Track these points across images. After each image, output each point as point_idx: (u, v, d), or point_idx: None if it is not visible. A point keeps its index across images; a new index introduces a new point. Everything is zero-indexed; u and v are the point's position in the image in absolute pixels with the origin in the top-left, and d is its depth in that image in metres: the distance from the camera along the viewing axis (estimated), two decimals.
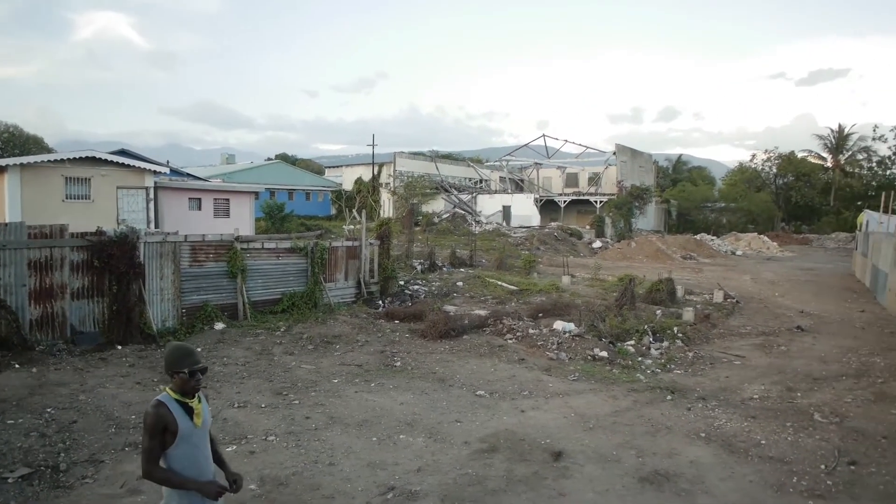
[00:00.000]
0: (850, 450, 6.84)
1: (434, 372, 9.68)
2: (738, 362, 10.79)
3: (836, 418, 7.85)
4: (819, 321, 14.93)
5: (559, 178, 56.65)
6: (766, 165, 62.50)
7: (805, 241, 49.92)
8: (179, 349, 3.31)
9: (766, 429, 7.44)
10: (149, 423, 3.14)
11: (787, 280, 23.92)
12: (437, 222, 39.07)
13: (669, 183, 67.55)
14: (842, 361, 10.88)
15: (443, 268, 22.06)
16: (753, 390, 9.07)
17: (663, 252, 32.29)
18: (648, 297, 15.81)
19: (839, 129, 61.24)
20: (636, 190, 45.30)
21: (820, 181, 60.38)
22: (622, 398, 8.55)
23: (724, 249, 39.06)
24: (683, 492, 5.78)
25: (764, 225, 54.08)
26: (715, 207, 59.39)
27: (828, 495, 5.79)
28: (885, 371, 10.18)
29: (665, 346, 11.61)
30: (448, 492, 5.65)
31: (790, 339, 12.68)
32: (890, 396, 8.79)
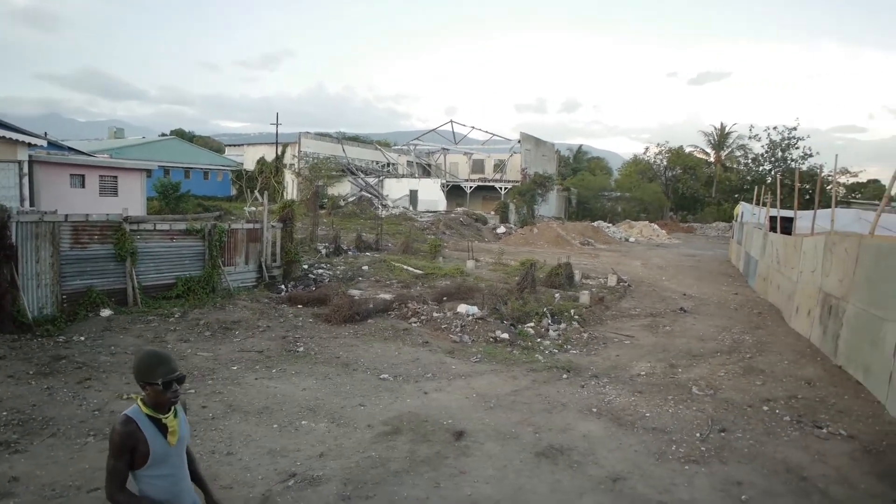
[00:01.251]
0: (722, 418, 7.54)
1: (338, 356, 9.60)
2: (628, 342, 11.53)
3: (711, 391, 8.61)
4: (699, 303, 16.23)
5: (466, 164, 57.51)
6: (658, 158, 66.78)
7: (690, 229, 53.87)
8: (151, 356, 2.85)
9: (650, 402, 8.03)
10: (114, 441, 2.71)
11: (673, 265, 25.76)
12: (343, 205, 38.49)
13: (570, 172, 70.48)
14: (717, 339, 11.92)
15: (348, 252, 21.81)
16: (641, 367, 9.74)
17: (563, 238, 33.68)
18: (548, 281, 16.48)
19: (721, 128, 66.38)
20: (539, 178, 46.90)
21: (704, 174, 65.28)
22: (522, 378, 8.90)
23: (618, 236, 41.33)
24: (576, 464, 6.14)
25: (654, 214, 57.69)
26: (611, 196, 62.57)
27: (701, 460, 6.36)
28: (752, 347, 11.28)
29: (563, 327, 12.18)
30: (351, 475, 5.65)
31: (674, 320, 13.71)
32: (756, 370, 9.75)
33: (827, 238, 11.81)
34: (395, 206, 43.18)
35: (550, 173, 52.05)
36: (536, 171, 49.51)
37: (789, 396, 8.49)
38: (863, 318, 9.35)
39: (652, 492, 5.63)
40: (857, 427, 7.46)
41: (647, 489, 5.67)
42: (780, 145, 59.45)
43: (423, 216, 38.76)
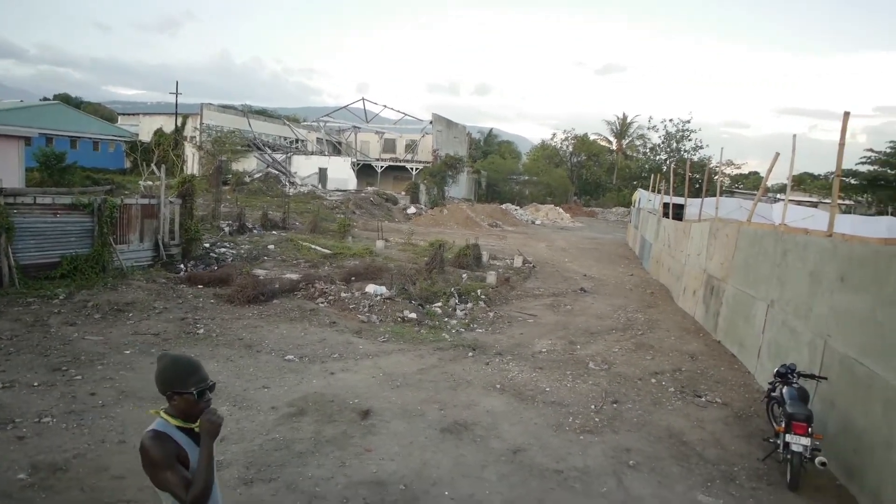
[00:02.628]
0: (615, 391, 8.06)
1: (241, 338, 9.31)
2: (532, 320, 11.99)
3: (606, 366, 9.16)
4: (598, 284, 17.12)
5: (377, 143, 56.83)
6: (564, 144, 69.18)
7: (592, 213, 56.39)
8: (180, 364, 2.61)
9: (550, 378, 8.42)
10: (155, 456, 2.44)
11: (576, 248, 26.92)
12: (248, 182, 36.94)
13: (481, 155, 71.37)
14: (613, 318, 12.65)
15: (253, 230, 21.05)
16: (542, 345, 10.17)
17: (472, 220, 34.26)
18: (457, 262, 16.75)
19: (623, 118, 69.78)
20: (450, 159, 47.23)
21: (606, 161, 68.47)
22: (428, 357, 9.04)
23: (525, 219, 42.58)
24: (479, 438, 6.36)
25: (560, 198, 59.77)
26: (519, 180, 64.10)
27: (595, 430, 6.78)
28: (644, 325, 12.08)
29: (469, 307, 12.46)
30: (253, 458, 5.55)
31: (575, 300, 14.39)
32: (647, 346, 10.47)
33: (711, 224, 12.79)
34: (304, 184, 42.03)
35: (461, 155, 52.52)
36: (448, 152, 49.80)
37: (675, 369, 9.20)
38: (739, 298, 10.25)
39: (549, 461, 5.94)
40: (730, 396, 8.22)
41: (545, 459, 5.97)
42: (675, 136, 63.42)
43: (332, 195, 38.03)
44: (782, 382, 6.37)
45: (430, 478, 5.46)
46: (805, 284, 7.55)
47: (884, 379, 5.38)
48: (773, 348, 8.31)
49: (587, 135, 69.79)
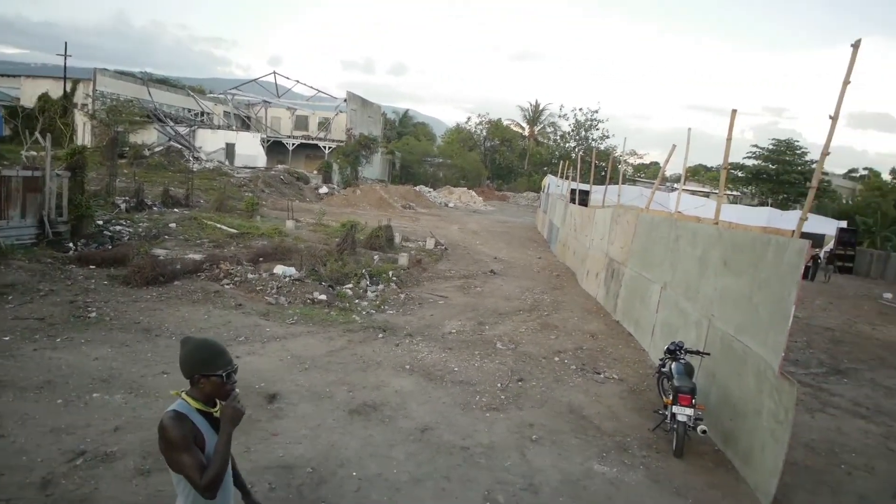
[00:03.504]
0: (520, 369, 8.36)
1: (138, 322, 8.81)
2: (442, 302, 12.16)
3: (512, 345, 9.47)
4: (508, 266, 17.59)
5: (289, 120, 54.99)
6: (479, 128, 70.11)
7: (504, 197, 57.63)
8: (207, 346, 2.58)
9: (459, 358, 8.61)
10: (174, 437, 2.39)
11: (487, 231, 27.48)
12: (147, 156, 34.65)
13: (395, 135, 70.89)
14: (520, 299, 13.08)
15: (153, 207, 19.85)
16: (452, 326, 10.36)
17: (386, 201, 34.07)
18: (369, 243, 16.64)
19: (536, 105, 71.52)
20: (364, 139, 46.55)
21: (519, 147, 70.09)
22: (338, 339, 8.97)
23: (438, 201, 42.87)
24: (388, 418, 6.41)
25: (473, 181, 60.61)
26: (434, 162, 64.36)
27: (501, 407, 7.03)
28: (549, 306, 12.58)
29: (381, 288, 12.44)
30: (152, 448, 5.29)
31: (485, 281, 14.72)
32: (551, 326, 10.92)
33: (613, 211, 13.46)
34: (210, 159, 40.01)
35: (376, 135, 51.93)
36: (362, 132, 49.03)
37: (577, 348, 9.68)
38: (636, 281, 10.89)
39: (456, 438, 6.10)
40: (626, 372, 8.77)
41: (452, 436, 6.13)
42: (584, 125, 66.01)
43: (240, 172, 36.48)
44: (671, 358, 6.87)
45: (338, 459, 5.46)
46: (694, 268, 8.14)
47: (756, 353, 5.93)
48: (665, 327, 8.93)
49: (501, 120, 71.13)
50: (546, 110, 71.13)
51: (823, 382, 9.61)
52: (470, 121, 71.98)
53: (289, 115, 55.07)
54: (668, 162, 12.60)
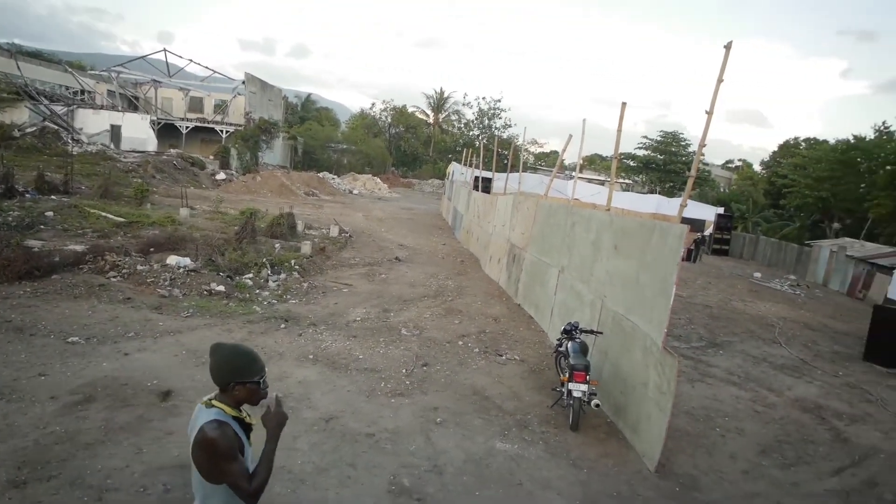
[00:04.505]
0: (425, 355, 8.47)
1: (8, 320, 8.03)
2: (347, 290, 12.03)
3: (417, 331, 9.56)
4: (413, 253, 17.68)
5: (182, 101, 51.79)
6: (384, 115, 69.45)
7: (409, 184, 57.67)
8: (245, 354, 2.59)
9: (364, 346, 8.58)
10: (223, 447, 2.40)
11: (392, 218, 27.42)
12: (18, 137, 31.45)
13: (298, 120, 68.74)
14: (425, 285, 13.20)
15: (25, 194, 18.08)
16: (357, 314, 10.29)
17: (288, 188, 33.07)
18: (270, 231, 16.12)
19: (441, 92, 71.82)
20: (265, 123, 44.75)
21: (423, 134, 70.18)
22: (237, 330, 8.66)
23: (343, 188, 42.19)
24: (291, 409, 6.26)
25: (378, 168, 60.13)
26: (338, 148, 63.14)
27: (406, 393, 7.09)
28: (453, 291, 12.79)
29: (283, 277, 12.11)
30: (27, 457, 4.89)
31: (390, 269, 14.72)
32: (455, 311, 11.12)
33: (514, 198, 13.86)
34: (92, 142, 36.94)
35: (277, 119, 50.05)
36: (262, 115, 47.07)
37: (480, 332, 9.93)
38: (536, 265, 11.31)
39: (362, 426, 6.10)
40: (527, 353, 9.11)
41: (357, 424, 6.12)
42: (488, 114, 67.23)
43: (127, 156, 34.00)
44: (568, 338, 7.23)
45: None
46: (588, 252, 8.57)
47: (643, 331, 6.37)
48: (563, 309, 9.35)
49: (406, 107, 70.86)
50: (451, 98, 71.76)
51: (702, 355, 10.48)
52: (375, 107, 71.36)
53: (182, 96, 51.86)
54: (566, 150, 13.12)
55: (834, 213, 39.06)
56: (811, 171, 39.80)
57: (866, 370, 10.95)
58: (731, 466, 6.26)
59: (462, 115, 70.61)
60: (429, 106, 72.04)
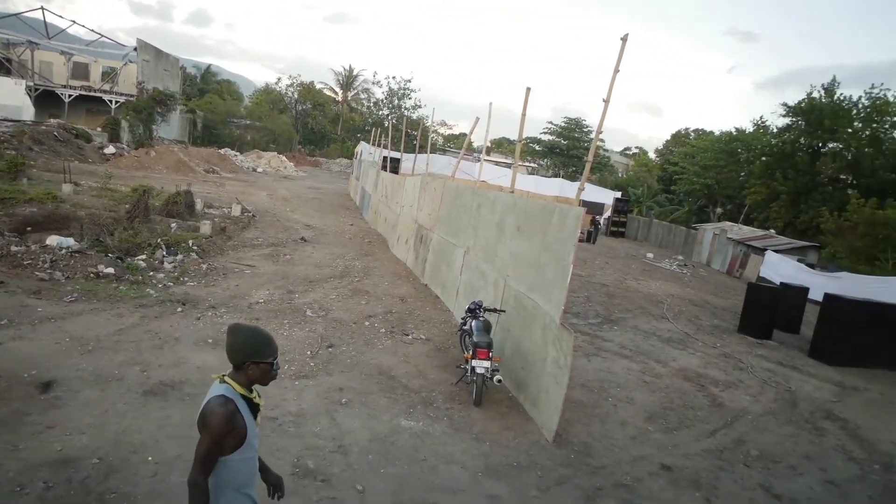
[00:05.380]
0: (330, 336, 8.39)
1: None
2: (249, 271, 11.63)
3: (323, 312, 9.44)
4: (319, 233, 17.34)
5: (63, 67, 47.30)
6: (290, 90, 67.04)
7: (316, 163, 56.31)
8: (261, 334, 2.70)
9: (267, 328, 8.25)
10: (216, 424, 2.48)
11: (298, 197, 26.70)
12: None
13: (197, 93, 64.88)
14: (332, 266, 13.02)
15: None
16: (260, 295, 9.99)
17: (186, 164, 31.32)
18: (165, 210, 15.22)
19: (350, 70, 70.29)
20: (159, 94, 41.87)
21: (332, 112, 68.56)
22: (129, 315, 8.16)
23: (246, 166, 40.51)
24: (188, 396, 6.04)
25: (284, 145, 58.20)
26: (241, 124, 60.40)
27: (311, 374, 7.01)
28: (360, 272, 12.72)
29: (180, 259, 11.51)
30: None
31: (295, 249, 14.37)
32: (362, 291, 11.07)
33: (422, 178, 13.91)
34: None
35: (173, 91, 46.93)
36: (156, 86, 44.00)
37: (386, 312, 9.95)
38: (443, 245, 11.45)
39: (264, 409, 5.92)
40: (433, 332, 9.25)
41: None
42: (397, 94, 66.64)
43: None
44: (472, 317, 7.41)
45: (131, 445, 5.03)
46: (493, 233, 8.79)
47: (543, 309, 6.64)
48: (468, 288, 9.56)
49: (314, 83, 68.80)
50: (360, 76, 70.46)
51: (598, 330, 11.09)
52: (280, 82, 68.49)
53: (63, 60, 47.38)
54: (473, 132, 13.31)
55: (717, 199, 42.31)
56: (699, 159, 42.82)
57: (740, 341, 12.05)
58: (621, 433, 6.71)
59: (371, 93, 69.68)
60: (337, 83, 70.40)
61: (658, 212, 42.44)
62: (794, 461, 6.68)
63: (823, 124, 30.58)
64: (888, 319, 11.62)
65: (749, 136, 40.31)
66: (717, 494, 5.65)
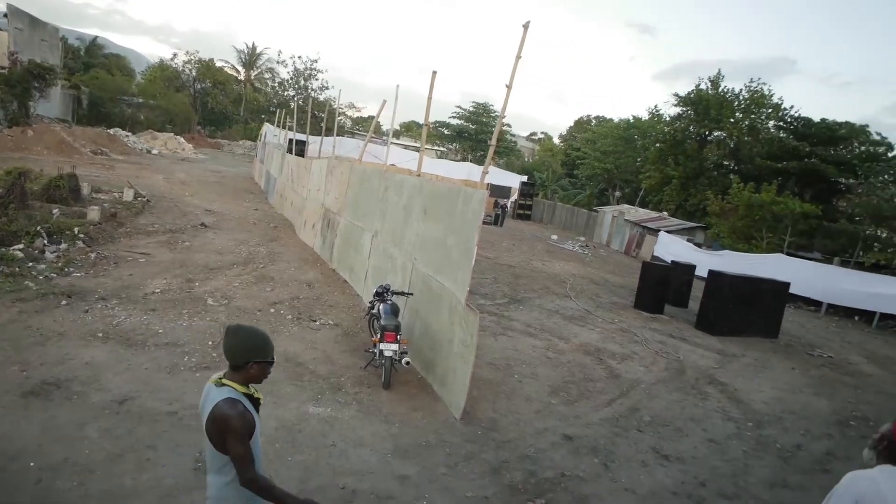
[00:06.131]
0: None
1: None
2: (143, 260, 10.97)
3: (226, 300, 9.09)
4: (221, 218, 16.61)
5: None
6: (187, 67, 63.05)
7: (217, 145, 53.71)
8: (261, 334, 2.76)
9: (164, 319, 7.94)
10: (238, 425, 2.55)
11: (198, 181, 25.38)
12: None
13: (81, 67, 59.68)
14: (235, 252, 12.54)
15: None
16: (156, 285, 9.46)
17: (70, 145, 28.89)
18: (46, 195, 13.99)
19: (253, 47, 67.05)
20: (37, 67, 38.06)
21: (234, 92, 65.28)
22: (4, 311, 7.46)
23: (140, 147, 37.96)
24: (76, 395, 5.65)
25: (181, 126, 54.92)
26: (133, 102, 56.34)
27: (213, 365, 6.73)
28: (265, 258, 12.33)
29: (64, 248, 10.64)
30: None
31: (194, 235, 13.69)
32: (267, 278, 10.75)
33: (329, 162, 13.64)
34: None
35: (53, 64, 42.86)
36: (32, 58, 40.02)
37: (293, 298, 9.74)
38: (350, 229, 11.33)
39: (162, 404, 5.69)
40: (341, 317, 9.16)
41: (156, 403, 5.70)
42: (304, 74, 64.53)
43: None
44: (380, 300, 7.41)
45: (9, 452, 4.64)
46: (400, 216, 8.79)
47: (450, 290, 6.75)
48: (377, 272, 9.53)
49: (213, 61, 65.09)
50: (264, 55, 67.47)
51: (505, 310, 11.43)
52: (177, 58, 64.02)
53: None
54: (380, 114, 13.18)
55: (616, 183, 44.54)
56: (599, 145, 44.80)
57: (635, 316, 12.84)
58: (526, 408, 6.99)
59: (276, 73, 66.96)
60: (239, 61, 67.06)
61: (562, 195, 44.11)
62: (681, 424, 7.24)
63: (710, 114, 32.91)
64: (762, 292, 12.80)
65: (644, 124, 42.63)
66: (613, 459, 6.03)
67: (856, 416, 8.61)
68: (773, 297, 12.98)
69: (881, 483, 2.46)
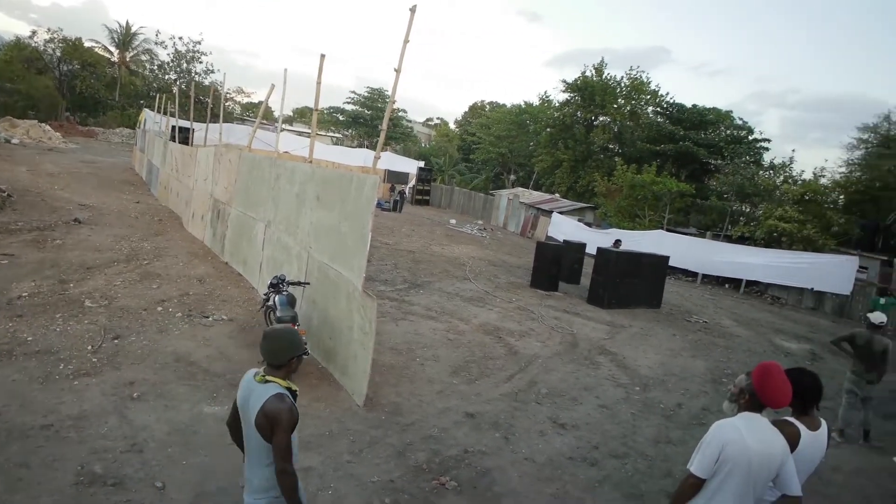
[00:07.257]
0: (116, 326, 7.56)
1: None
2: (7, 261, 9.93)
3: (106, 301, 8.46)
4: (98, 213, 15.35)
5: None
6: (49, 47, 57.14)
7: (91, 133, 49.47)
8: (294, 332, 2.99)
9: (34, 325, 7.27)
10: (288, 419, 2.79)
11: (69, 173, 23.26)
12: None
13: None
14: (115, 249, 11.65)
15: None
16: (23, 288, 8.61)
17: None
18: None
19: (127, 26, 61.80)
20: None
21: (107, 75, 60.04)
22: None
23: None
24: None
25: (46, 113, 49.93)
26: None
27: (93, 371, 6.27)
28: (150, 254, 11.58)
29: None
30: None
31: (67, 232, 12.56)
32: (153, 274, 10.11)
33: (216, 150, 12.98)
34: None
35: None
36: None
37: (182, 294, 9.23)
38: (242, 220, 10.88)
39: (36, 418, 5.23)
40: (236, 311, 8.82)
41: (28, 417, 5.22)
42: (186, 57, 60.50)
43: None
44: (275, 291, 7.20)
45: None
46: (293, 205, 8.56)
47: (346, 278, 6.69)
48: (272, 263, 9.24)
49: (81, 40, 59.44)
50: (140, 35, 62.48)
51: (405, 295, 11.49)
52: (37, 36, 57.84)
53: None
54: (269, 99, 12.66)
55: (511, 167, 45.85)
56: (493, 130, 45.84)
57: (532, 295, 13.36)
58: (428, 389, 7.10)
59: (155, 55, 62.23)
60: (112, 42, 61.66)
61: (459, 180, 44.77)
62: (575, 393, 7.67)
63: (595, 100, 34.64)
64: (644, 266, 13.75)
65: (536, 109, 44.12)
66: (513, 432, 6.28)
67: (727, 374, 9.52)
68: (655, 270, 14.00)
69: (743, 429, 2.92)
